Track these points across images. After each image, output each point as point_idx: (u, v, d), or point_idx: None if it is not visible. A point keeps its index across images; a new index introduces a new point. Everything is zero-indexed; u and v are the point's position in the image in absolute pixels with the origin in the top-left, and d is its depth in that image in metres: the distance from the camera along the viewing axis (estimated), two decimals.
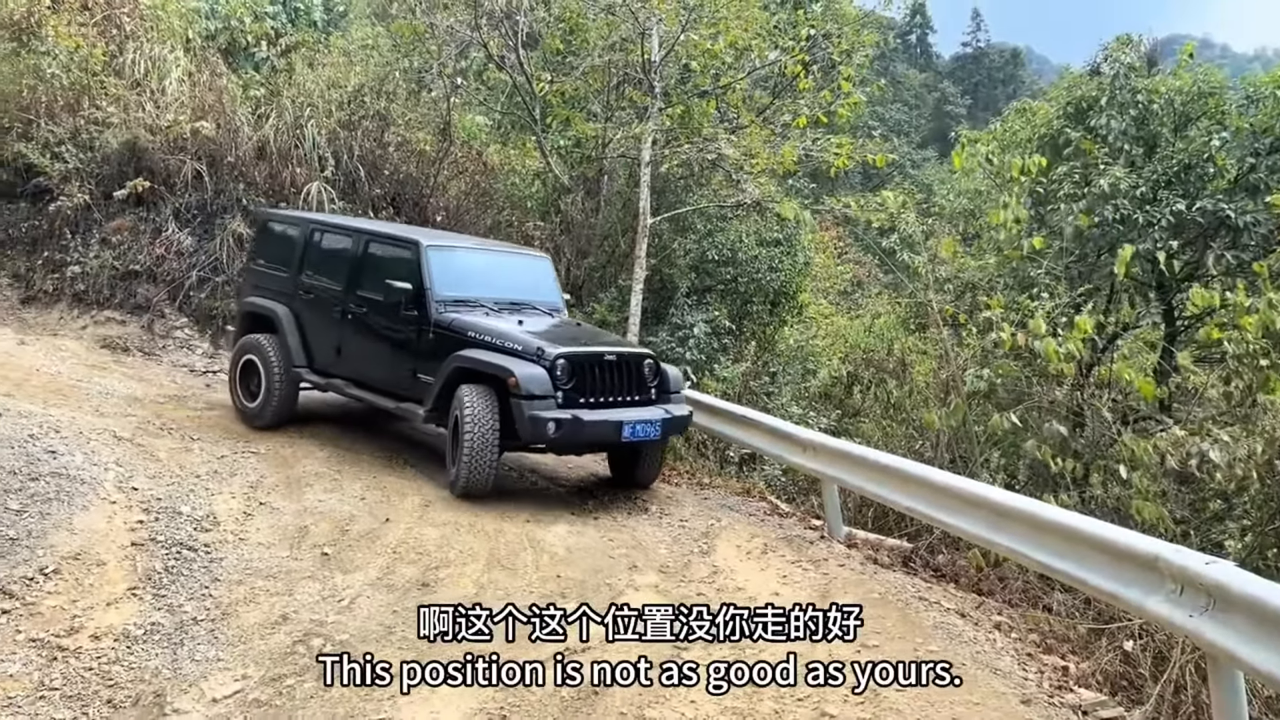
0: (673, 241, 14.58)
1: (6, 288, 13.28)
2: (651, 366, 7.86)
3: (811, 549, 6.69)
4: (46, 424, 8.02)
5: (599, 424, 7.30)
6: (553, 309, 8.82)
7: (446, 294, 8.18)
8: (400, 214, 15.05)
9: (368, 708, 4.38)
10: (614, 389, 7.57)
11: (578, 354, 7.52)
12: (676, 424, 7.81)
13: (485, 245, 9.69)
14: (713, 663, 4.71)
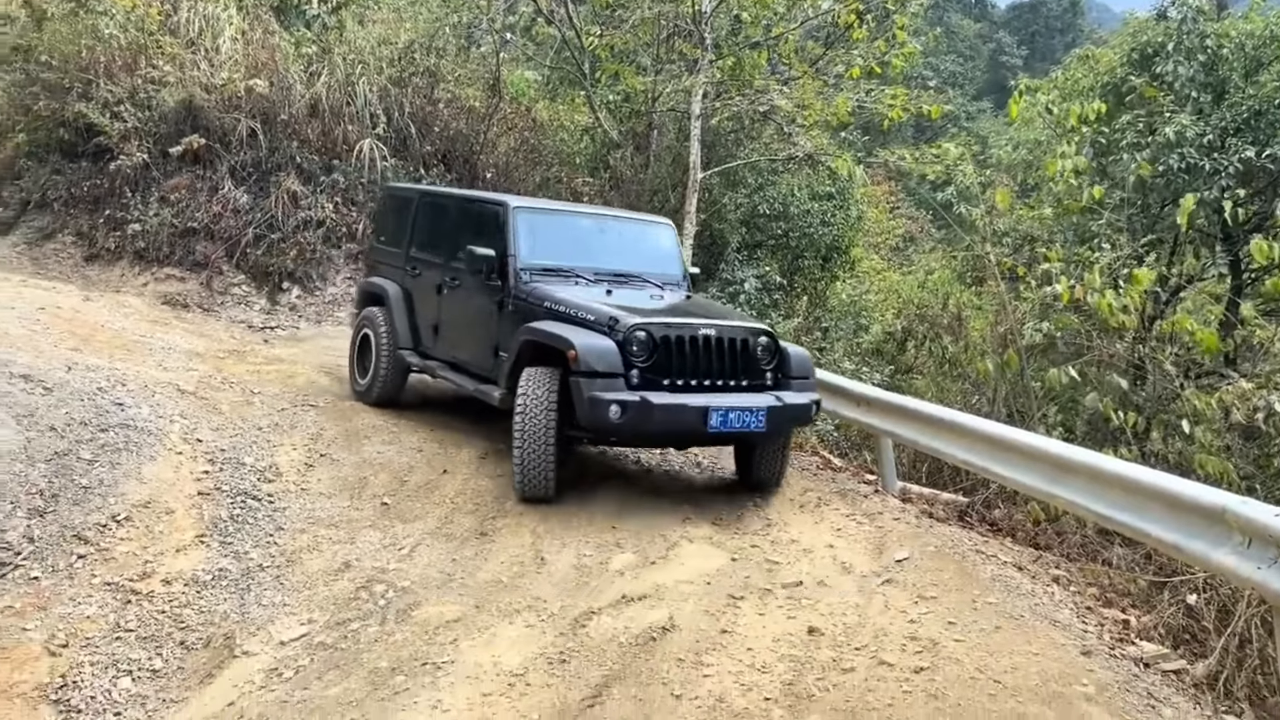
0: (723, 196, 14.48)
1: (70, 246, 13.57)
2: (767, 346, 6.63)
3: (865, 503, 6.68)
4: (113, 378, 8.21)
5: (676, 409, 6.09)
6: (669, 282, 7.71)
7: (533, 261, 7.25)
8: (451, 170, 15.10)
9: (430, 651, 4.47)
10: (710, 370, 6.40)
11: (660, 326, 6.38)
12: (791, 414, 6.48)
13: (591, 210, 8.58)
14: (769, 612, 4.75)
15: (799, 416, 6.66)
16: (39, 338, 9.19)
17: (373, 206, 13.88)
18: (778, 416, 6.39)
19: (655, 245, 8.08)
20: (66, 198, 13.73)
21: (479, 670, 4.29)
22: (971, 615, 4.50)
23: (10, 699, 4.75)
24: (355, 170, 13.64)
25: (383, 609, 5.11)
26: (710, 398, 6.27)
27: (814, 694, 3.85)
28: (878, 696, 3.76)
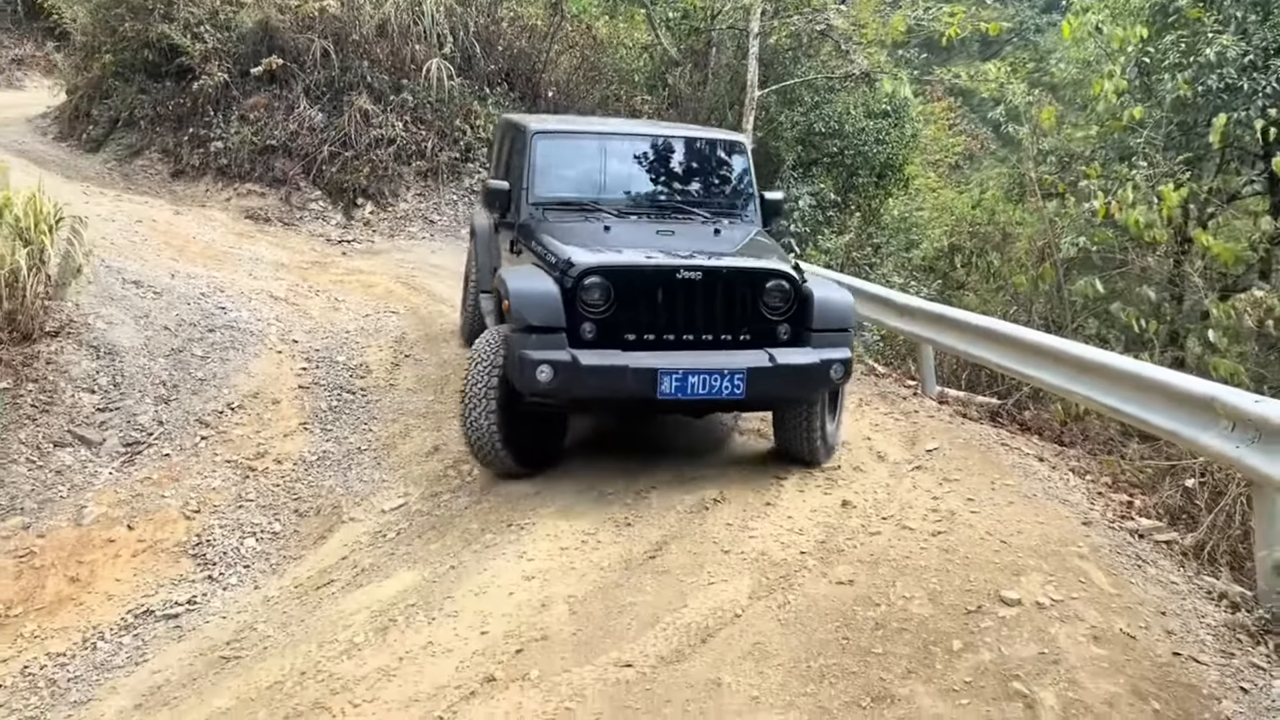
0: (780, 114, 14.76)
1: (157, 162, 14.37)
2: (782, 291, 5.40)
3: (904, 403, 7.21)
4: (212, 284, 8.99)
5: (612, 372, 5.06)
6: (729, 213, 6.49)
7: (549, 195, 6.28)
8: (514, 90, 15.54)
9: (514, 515, 5.16)
10: (693, 322, 5.34)
11: (624, 268, 5.34)
12: (790, 377, 5.25)
13: (635, 130, 7.23)
14: (808, 489, 5.36)
15: (805, 380, 5.29)
16: (140, 248, 9.98)
17: (440, 125, 14.46)
18: (764, 382, 5.19)
19: (714, 168, 6.88)
20: (152, 116, 14.48)
21: (557, 530, 4.98)
22: (989, 493, 5.07)
23: (157, 553, 5.57)
24: (423, 89, 14.15)
25: (469, 484, 5.82)
26: (669, 357, 5.21)
27: (843, 549, 4.47)
28: (898, 551, 4.37)
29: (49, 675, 4.82)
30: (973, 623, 3.71)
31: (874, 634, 3.68)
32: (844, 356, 5.42)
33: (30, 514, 5.91)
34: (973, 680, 3.32)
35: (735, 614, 3.99)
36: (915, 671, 3.39)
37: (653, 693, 3.45)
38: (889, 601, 3.92)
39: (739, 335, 5.43)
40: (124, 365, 7.09)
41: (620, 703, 3.41)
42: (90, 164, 14.36)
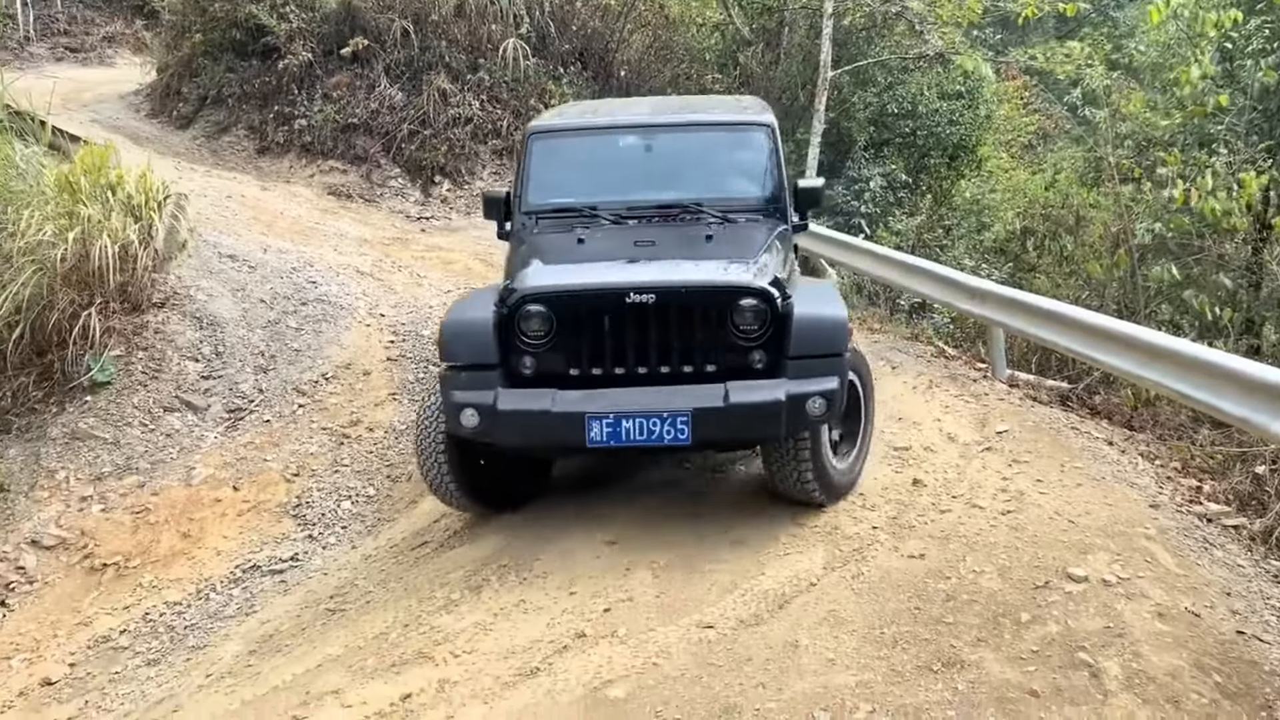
0: (852, 95, 14.78)
1: (244, 139, 14.88)
2: (755, 311, 4.61)
3: (974, 386, 7.31)
4: (301, 259, 9.38)
5: (534, 418, 4.52)
6: (744, 208, 5.62)
7: (543, 202, 5.69)
8: (586, 69, 15.73)
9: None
10: (646, 352, 4.66)
11: (569, 291, 4.73)
12: (747, 419, 4.48)
13: (641, 120, 6.28)
14: (879, 468, 5.54)
15: (767, 420, 4.46)
16: (232, 223, 10.43)
17: (515, 104, 14.73)
18: (715, 424, 4.45)
19: (730, 157, 5.94)
20: (239, 94, 14.98)
21: (638, 499, 5.25)
22: (1058, 475, 5.20)
23: (260, 512, 5.95)
24: (499, 69, 14.42)
25: None
26: (605, 397, 4.56)
27: (914, 525, 4.66)
28: (967, 528, 4.55)
29: (168, 622, 5.22)
30: (1040, 597, 3.88)
31: (944, 605, 3.87)
32: (826, 389, 4.48)
33: (144, 474, 6.35)
34: (1040, 650, 3.49)
35: (810, 583, 4.21)
36: (984, 640, 3.58)
37: (733, 652, 3.69)
38: (959, 575, 4.11)
39: (703, 366, 4.65)
40: (225, 336, 7.50)
41: (703, 659, 3.65)
42: (180, 140, 14.92)
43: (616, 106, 7.77)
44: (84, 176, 7.20)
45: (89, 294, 6.96)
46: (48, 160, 7.77)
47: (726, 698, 3.35)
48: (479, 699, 3.62)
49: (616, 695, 3.48)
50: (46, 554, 5.89)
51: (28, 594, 5.66)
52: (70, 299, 6.84)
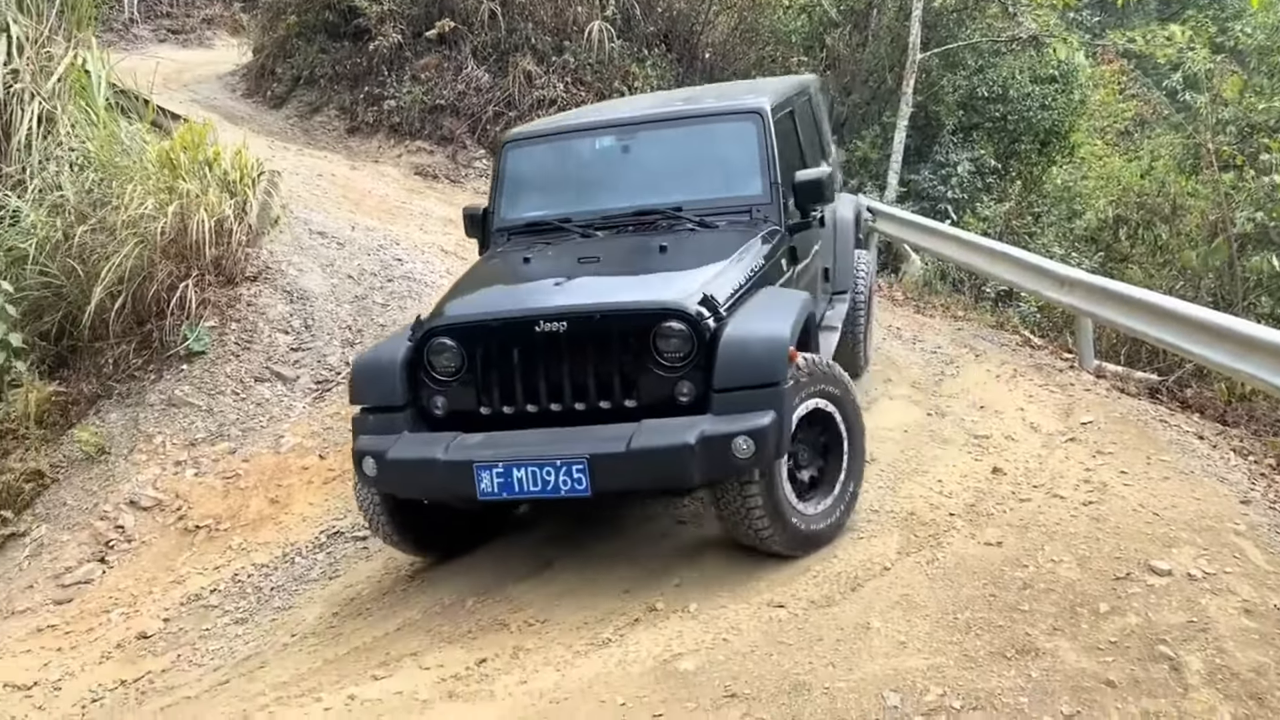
0: (941, 78, 14.49)
1: (335, 119, 15.21)
2: (681, 336, 4.05)
3: (1060, 376, 7.16)
4: (388, 237, 9.58)
5: (421, 466, 4.14)
6: (731, 209, 5.06)
7: (516, 216, 5.38)
8: (671, 51, 15.69)
9: None
10: (564, 391, 4.19)
11: (469, 323, 4.36)
12: (666, 461, 3.86)
13: (624, 117, 5.73)
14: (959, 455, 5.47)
15: (678, 466, 3.86)
16: (322, 200, 10.69)
17: (599, 86, 14.78)
18: (617, 472, 3.92)
19: (713, 152, 5.35)
20: (331, 75, 15.32)
21: None
22: (1144, 468, 5.07)
23: (344, 481, 6.10)
24: (584, 51, 14.48)
25: None
26: (496, 444, 4.10)
27: (992, 514, 4.59)
28: (1048, 518, 4.47)
29: (255, 583, 5.41)
30: (1120, 588, 3.80)
31: (1020, 592, 3.82)
32: (754, 427, 3.82)
33: (235, 440, 6.58)
34: (1118, 641, 3.43)
35: (884, 567, 4.19)
36: (1061, 629, 3.52)
37: (804, 631, 3.70)
38: (1037, 564, 4.04)
39: (623, 402, 4.11)
40: (314, 310, 7.71)
41: (774, 637, 3.67)
42: (274, 119, 15.31)
43: (606, 108, 7.34)
44: (183, 153, 7.45)
45: (186, 266, 7.22)
46: (150, 137, 8.05)
47: (796, 675, 3.36)
48: (551, 666, 3.70)
49: (686, 668, 3.51)
50: (144, 514, 6.15)
51: (126, 552, 5.92)
52: (169, 271, 7.09)
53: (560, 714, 3.33)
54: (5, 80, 7.63)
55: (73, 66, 8.11)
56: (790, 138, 5.69)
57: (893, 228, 10.80)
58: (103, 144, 7.69)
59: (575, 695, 3.45)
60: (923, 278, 10.94)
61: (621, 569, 4.51)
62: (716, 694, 3.31)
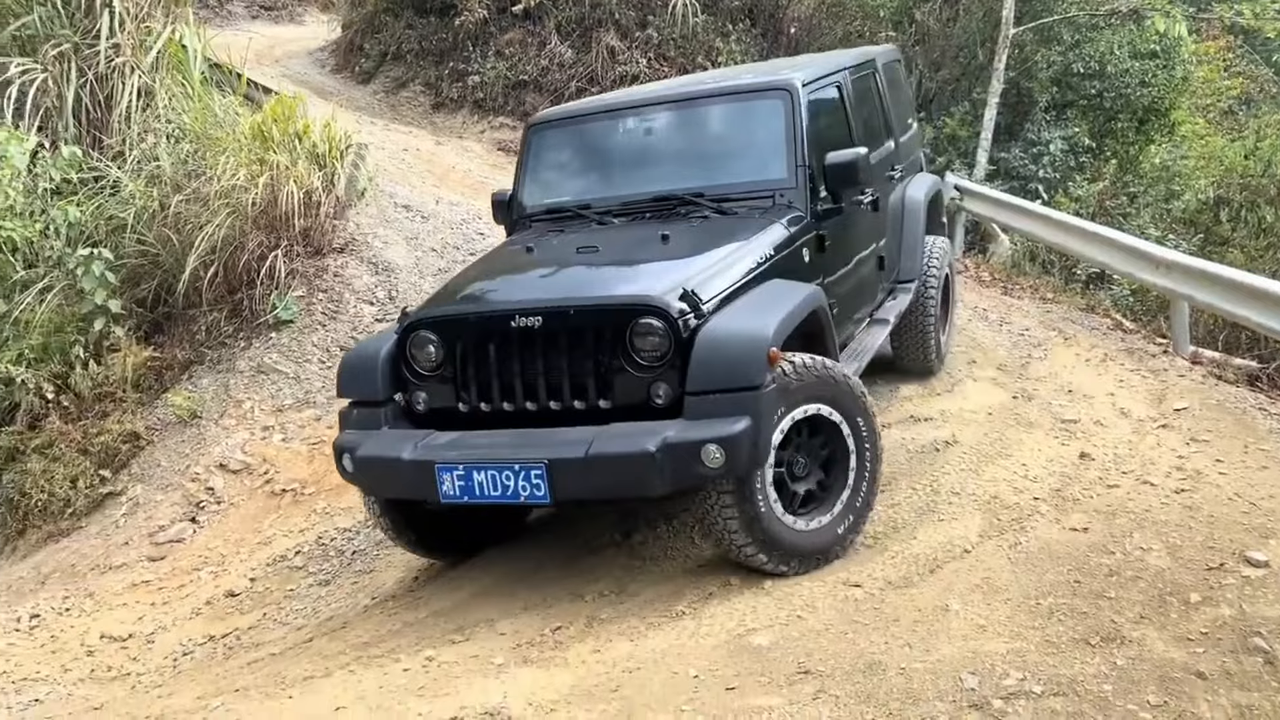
0: (1035, 53, 14.05)
1: (420, 94, 15.40)
2: (654, 334, 3.80)
3: (1153, 361, 6.93)
4: (471, 212, 9.67)
5: (386, 465, 4.07)
6: (753, 193, 4.76)
7: (539, 203, 5.27)
8: (755, 26, 15.52)
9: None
10: (540, 389, 3.99)
11: (449, 317, 4.24)
12: (626, 468, 3.67)
13: (645, 97, 5.49)
14: (1045, 439, 5.34)
15: (639, 475, 3.65)
16: (407, 175, 10.85)
17: (682, 62, 14.68)
18: (576, 478, 3.73)
19: (738, 133, 5.08)
20: (417, 50, 15.51)
21: None
22: (1240, 456, 4.88)
23: None
24: (668, 26, 14.39)
25: None
26: (460, 444, 3.99)
27: (1078, 499, 4.47)
28: (1137, 504, 4.33)
29: (338, 546, 5.55)
30: (1213, 579, 3.67)
31: (1107, 579, 3.71)
32: (725, 434, 3.57)
33: (321, 408, 6.73)
34: (1209, 632, 3.31)
35: (965, 549, 4.11)
36: (1148, 618, 3.42)
37: (880, 611, 3.65)
38: (1124, 551, 3.93)
39: (599, 402, 3.91)
40: (398, 282, 7.84)
41: (849, 616, 3.63)
42: (362, 95, 15.57)
43: (638, 90, 6.93)
44: (274, 126, 7.61)
45: (276, 237, 7.38)
46: (243, 110, 8.24)
47: (871, 655, 3.32)
48: (625, 636, 3.71)
49: (760, 643, 3.50)
50: (233, 477, 6.34)
51: (215, 513, 6.11)
52: (259, 241, 7.27)
53: (633, 683, 3.34)
54: (107, 54, 7.87)
55: (170, 41, 8.33)
56: (835, 115, 5.43)
57: (981, 207, 10.55)
58: (198, 117, 7.90)
59: (648, 665, 3.46)
60: (1011, 258, 10.67)
61: (698, 544, 4.51)
62: (790, 670, 3.29)
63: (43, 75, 7.82)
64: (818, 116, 5.04)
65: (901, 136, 6.68)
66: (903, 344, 6.40)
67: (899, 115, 6.76)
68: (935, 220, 6.98)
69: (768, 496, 3.84)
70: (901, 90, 7.19)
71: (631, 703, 3.21)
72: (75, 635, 5.18)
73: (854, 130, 5.53)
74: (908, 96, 7.25)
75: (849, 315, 5.27)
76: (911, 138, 7.10)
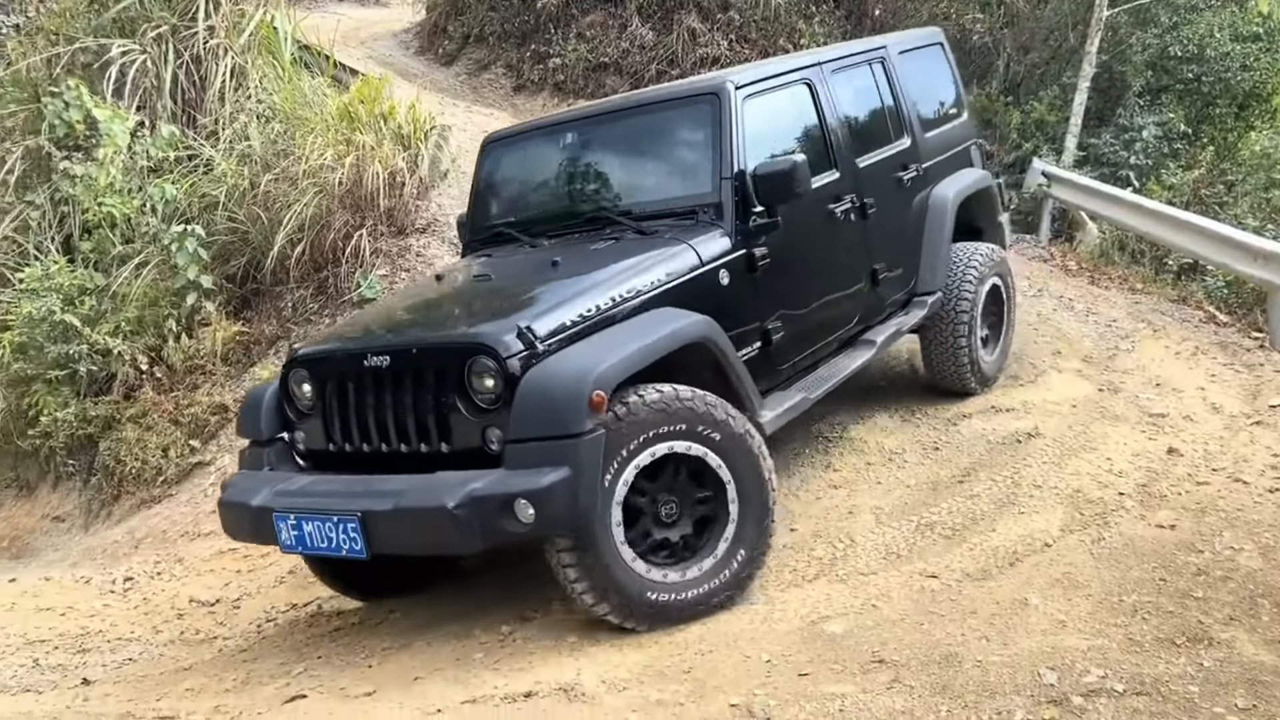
0: (1129, 36, 13.61)
1: (501, 77, 15.52)
2: (493, 375, 3.56)
3: (1247, 355, 6.70)
4: None
5: (235, 511, 4.00)
6: (671, 214, 4.44)
7: (486, 223, 5.18)
8: (839, 7, 15.29)
9: (821, 428, 5.42)
10: (390, 432, 3.80)
11: (317, 355, 4.15)
12: (429, 524, 3.42)
13: (592, 109, 5.30)
14: (1131, 434, 5.20)
15: (442, 530, 3.38)
16: None
17: (763, 44, 14.54)
18: (390, 532, 3.52)
19: (666, 145, 4.73)
20: (499, 33, 15.62)
21: (864, 446, 5.20)
22: None
23: None
24: (750, 8, 14.27)
25: None
26: (297, 492, 3.86)
27: (1165, 495, 4.35)
28: (1228, 503, 4.20)
29: None
30: None
31: (1194, 579, 3.61)
32: (534, 486, 3.27)
33: None
34: None
35: (1045, 543, 4.04)
36: (1238, 620, 3.32)
37: (957, 603, 3.60)
38: (1214, 550, 3.81)
39: (440, 446, 3.68)
40: None
41: (925, 607, 3.59)
42: (444, 77, 15.74)
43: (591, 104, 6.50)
44: (361, 106, 7.75)
45: (361, 216, 7.53)
46: (330, 91, 8.41)
47: (947, 646, 3.28)
48: (697, 621, 3.72)
49: (834, 630, 3.48)
50: None
51: None
52: (345, 220, 7.42)
53: (705, 665, 3.36)
54: (203, 36, 8.09)
55: (263, 23, 8.53)
56: (798, 118, 4.96)
57: (1069, 194, 10.31)
58: (287, 97, 8.08)
59: (720, 648, 3.47)
60: (1099, 247, 10.38)
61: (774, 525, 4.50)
62: (864, 658, 3.27)
63: (142, 56, 8.08)
64: (766, 121, 4.65)
65: (928, 132, 5.97)
66: (932, 361, 5.80)
67: (925, 108, 6.06)
68: (985, 220, 6.36)
69: (612, 546, 3.50)
70: (936, 78, 6.40)
71: (704, 684, 3.23)
72: (166, 598, 5.38)
73: (832, 132, 5.02)
74: (948, 85, 6.50)
75: (812, 339, 4.76)
76: (948, 132, 6.26)
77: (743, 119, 4.43)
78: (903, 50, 6.02)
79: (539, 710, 3.18)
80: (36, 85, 8.48)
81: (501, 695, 3.30)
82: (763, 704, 3.03)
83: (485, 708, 3.23)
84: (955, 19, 15.22)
